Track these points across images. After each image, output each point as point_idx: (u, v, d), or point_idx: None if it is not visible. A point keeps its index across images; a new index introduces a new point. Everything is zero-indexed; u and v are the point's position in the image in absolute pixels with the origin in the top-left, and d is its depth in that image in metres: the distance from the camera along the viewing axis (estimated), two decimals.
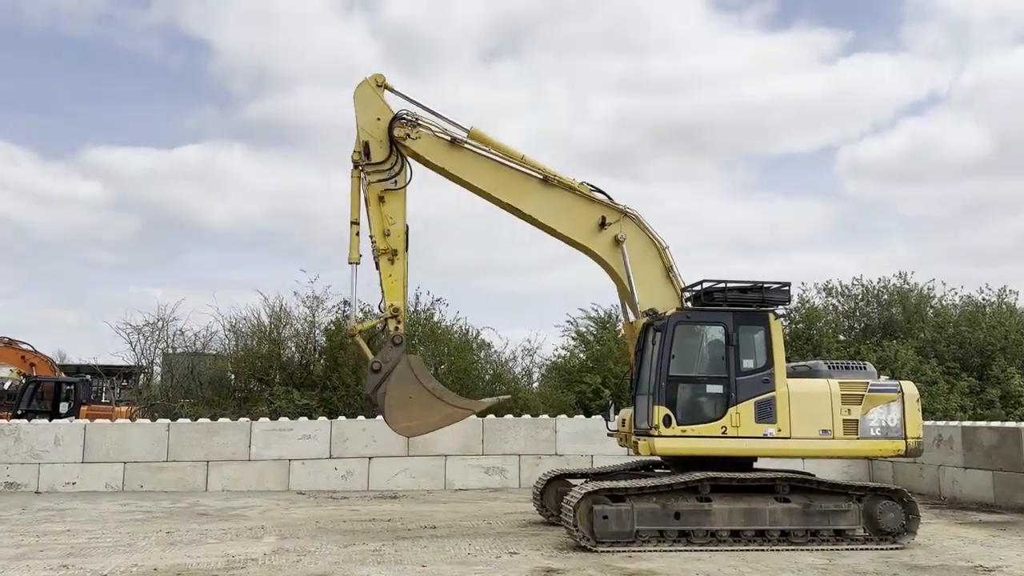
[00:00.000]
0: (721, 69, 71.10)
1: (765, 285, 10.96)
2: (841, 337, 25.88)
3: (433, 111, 11.65)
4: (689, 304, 11.34)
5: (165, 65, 78.54)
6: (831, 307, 26.91)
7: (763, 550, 9.98)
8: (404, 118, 11.44)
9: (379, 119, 11.50)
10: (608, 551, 9.75)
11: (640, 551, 9.81)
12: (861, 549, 10.14)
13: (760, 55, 73.19)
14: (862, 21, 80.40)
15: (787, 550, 10.01)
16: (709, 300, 11.00)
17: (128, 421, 18.15)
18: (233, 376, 23.24)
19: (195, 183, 76.60)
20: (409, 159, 11.60)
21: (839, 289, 27.16)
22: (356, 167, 11.40)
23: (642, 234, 11.62)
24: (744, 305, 10.84)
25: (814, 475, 10.97)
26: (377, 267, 11.35)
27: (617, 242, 11.46)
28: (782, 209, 74.29)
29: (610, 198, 11.74)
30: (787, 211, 74.04)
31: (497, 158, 11.63)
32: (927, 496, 15.45)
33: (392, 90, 11.67)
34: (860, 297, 27.00)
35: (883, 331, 25.94)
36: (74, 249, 74.70)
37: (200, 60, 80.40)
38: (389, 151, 11.39)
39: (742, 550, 9.96)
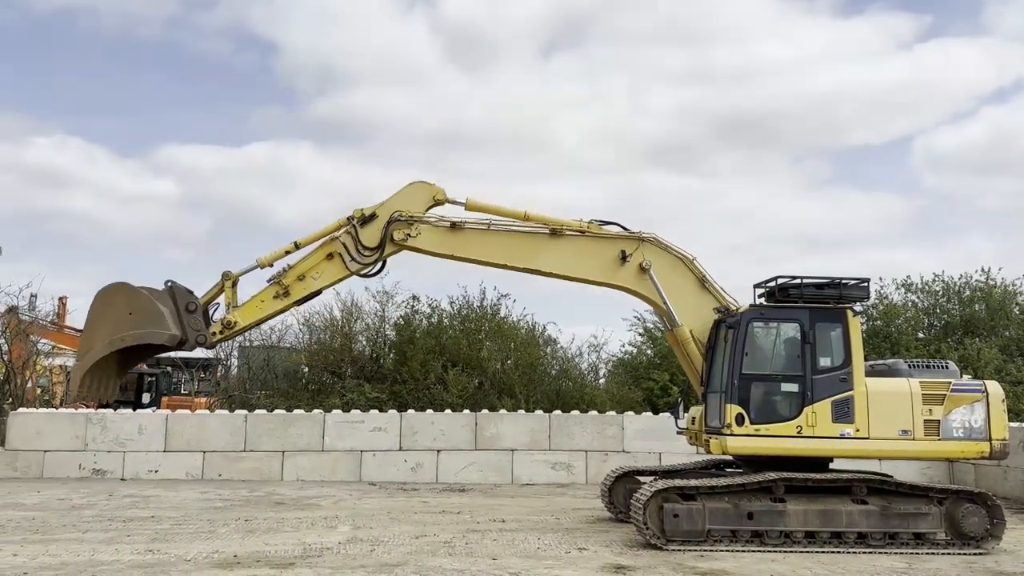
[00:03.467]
0: (789, 57, 69.51)
1: (843, 281, 10.71)
2: (920, 335, 25.04)
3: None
4: (763, 301, 11.15)
5: (233, 65, 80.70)
6: (910, 304, 26.04)
7: (839, 552, 9.77)
8: (400, 219, 11.20)
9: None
10: (679, 550, 9.68)
11: (711, 551, 9.70)
12: (943, 553, 9.84)
13: (831, 42, 71.28)
14: (940, 4, 77.50)
15: (864, 553, 9.78)
16: (784, 297, 10.79)
17: (207, 412, 18.75)
18: (307, 369, 23.80)
19: (264, 181, 78.61)
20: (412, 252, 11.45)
21: (919, 285, 26.28)
22: (349, 221, 11.20)
23: (665, 254, 11.39)
24: (821, 302, 10.61)
25: (892, 476, 10.68)
26: (265, 287, 11.27)
27: (643, 270, 11.26)
28: (856, 204, 72.33)
29: (624, 227, 11.50)
30: (862, 206, 72.04)
31: (500, 226, 11.42)
32: (1012, 500, 14.87)
33: (453, 203, 11.52)
34: (940, 294, 26.06)
35: (965, 329, 25.00)
36: (151, 246, 77.45)
37: (266, 60, 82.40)
38: (378, 245, 11.19)
39: (817, 552, 9.76)
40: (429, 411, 18.44)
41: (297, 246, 11.31)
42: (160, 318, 10.46)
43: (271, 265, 11.34)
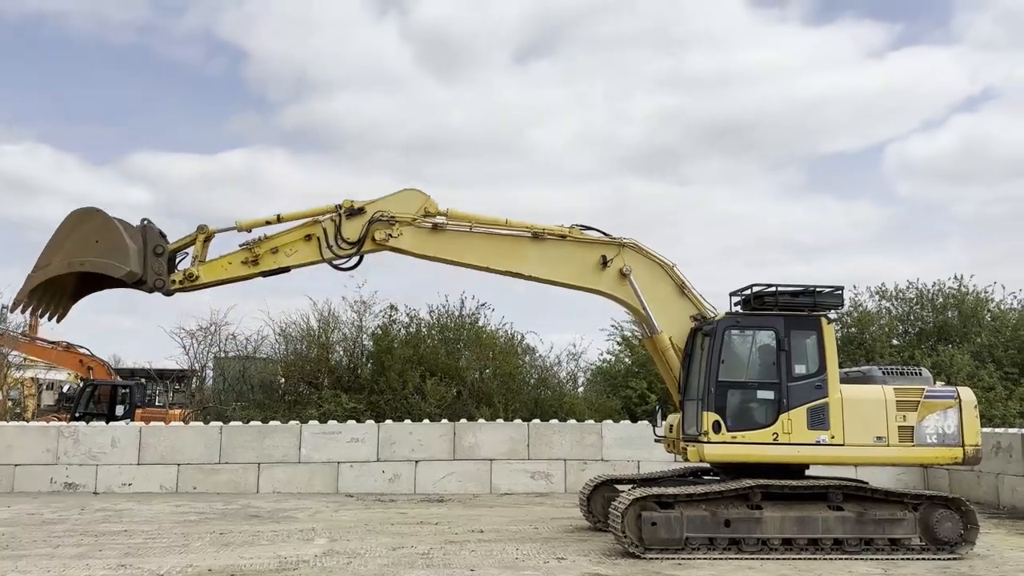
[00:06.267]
0: (764, 65, 70.23)
1: (817, 289, 10.79)
2: (895, 342, 25.31)
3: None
4: (739, 308, 11.22)
5: (204, 72, 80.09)
6: (884, 311, 26.33)
7: (816, 559, 9.82)
8: (382, 219, 11.12)
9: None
10: (657, 558, 9.68)
11: (689, 558, 9.72)
12: (917, 559, 9.92)
13: (805, 50, 72.15)
14: (911, 12, 78.51)
15: (841, 559, 9.84)
16: (760, 304, 10.86)
17: (181, 424, 18.54)
18: (283, 380, 23.58)
19: (239, 188, 78.03)
20: (393, 252, 11.36)
21: (892, 293, 26.58)
22: (337, 209, 11.11)
23: (645, 260, 11.43)
24: (796, 309, 10.69)
25: (868, 483, 10.76)
26: (236, 250, 11.14)
27: (623, 275, 11.29)
28: (833, 211, 73.08)
29: (605, 233, 11.52)
30: (838, 213, 72.79)
31: (482, 229, 11.40)
32: (985, 505, 15.03)
33: (443, 214, 11.40)
34: (914, 301, 26.36)
35: (938, 336, 25.30)
36: None
37: (238, 66, 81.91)
38: (357, 241, 11.11)
39: (794, 558, 9.81)
40: (407, 421, 18.35)
41: (280, 219, 11.19)
42: (124, 252, 10.28)
43: (249, 231, 11.22)
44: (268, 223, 11.21)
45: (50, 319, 10.75)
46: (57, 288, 10.55)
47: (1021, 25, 75.15)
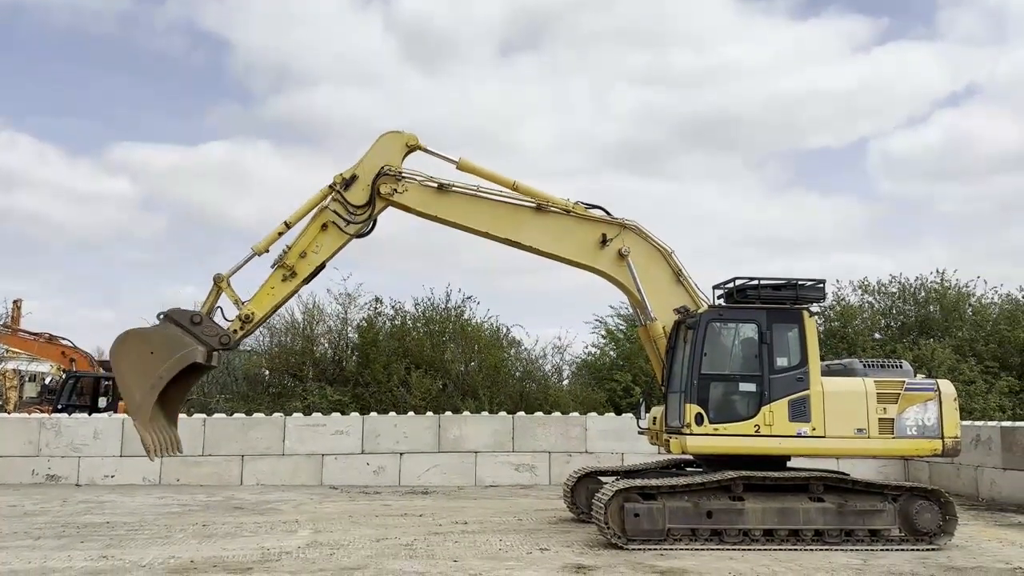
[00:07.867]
0: (748, 60, 70.29)
1: (799, 282, 10.87)
2: (877, 335, 25.48)
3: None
4: (722, 302, 11.28)
5: (186, 63, 79.44)
6: (867, 305, 26.52)
7: (796, 550, 9.90)
8: (389, 173, 11.25)
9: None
10: (639, 549, 9.74)
11: (671, 549, 9.78)
12: (897, 550, 10.02)
13: (789, 45, 72.32)
14: (896, 7, 78.77)
15: (821, 550, 9.92)
16: (742, 298, 10.91)
17: None
18: (267, 372, 23.52)
19: (221, 180, 77.55)
20: (397, 210, 11.44)
21: (875, 287, 26.78)
22: (331, 188, 11.18)
23: (645, 243, 11.49)
24: (778, 303, 10.75)
25: (848, 474, 10.86)
26: (271, 273, 11.11)
27: (621, 256, 11.36)
28: (816, 207, 73.38)
29: (608, 213, 11.60)
30: (821, 210, 73.10)
31: (487, 194, 11.45)
32: (964, 497, 15.20)
33: (426, 150, 11.48)
34: (896, 295, 26.58)
35: (920, 329, 25.52)
36: (107, 248, 76.02)
37: (220, 58, 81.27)
38: (367, 202, 11.22)
39: (775, 549, 9.88)
40: (392, 414, 18.35)
41: (288, 225, 11.20)
42: (180, 341, 10.35)
43: (267, 251, 11.21)
44: (280, 234, 11.20)
45: (171, 452, 10.80)
46: (155, 419, 10.49)
47: (1004, 22, 75.69)
